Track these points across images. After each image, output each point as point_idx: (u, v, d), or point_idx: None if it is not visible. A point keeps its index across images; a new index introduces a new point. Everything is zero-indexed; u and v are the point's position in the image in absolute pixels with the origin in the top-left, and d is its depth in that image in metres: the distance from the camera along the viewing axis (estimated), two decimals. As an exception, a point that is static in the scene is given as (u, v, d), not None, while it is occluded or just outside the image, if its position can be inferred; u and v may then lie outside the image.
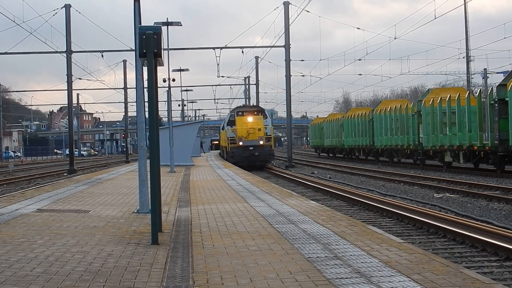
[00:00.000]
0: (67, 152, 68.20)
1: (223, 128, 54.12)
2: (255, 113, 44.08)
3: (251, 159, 41.36)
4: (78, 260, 7.24)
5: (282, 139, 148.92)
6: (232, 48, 45.85)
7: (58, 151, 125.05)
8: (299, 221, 10.31)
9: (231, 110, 48.11)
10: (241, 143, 41.68)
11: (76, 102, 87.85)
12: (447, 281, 5.84)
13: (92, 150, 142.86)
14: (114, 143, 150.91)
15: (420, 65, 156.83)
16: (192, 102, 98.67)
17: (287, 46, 42.49)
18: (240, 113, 44.24)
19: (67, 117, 57.71)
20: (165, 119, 59.54)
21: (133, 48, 13.85)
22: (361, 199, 18.78)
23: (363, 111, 51.44)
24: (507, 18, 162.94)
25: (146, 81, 10.36)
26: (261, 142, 41.64)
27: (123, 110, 71.35)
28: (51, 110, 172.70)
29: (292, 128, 53.78)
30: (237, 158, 41.52)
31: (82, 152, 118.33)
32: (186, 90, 64.06)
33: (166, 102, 34.79)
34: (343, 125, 54.12)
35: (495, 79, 68.54)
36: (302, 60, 64.68)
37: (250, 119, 42.34)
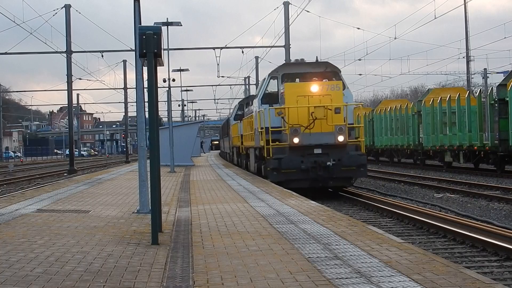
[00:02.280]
0: (67, 152, 68.20)
1: (237, 118, 35.38)
2: (323, 76, 21.85)
3: (319, 175, 19.62)
4: (78, 260, 7.24)
5: None
6: (232, 48, 45.75)
7: (58, 151, 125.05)
8: (299, 221, 10.31)
9: (269, 73, 22.96)
10: (296, 141, 19.82)
11: (76, 102, 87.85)
12: (447, 281, 5.84)
13: (92, 150, 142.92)
14: (114, 143, 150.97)
15: (420, 65, 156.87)
16: (192, 102, 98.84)
17: (287, 46, 42.45)
18: (292, 77, 22.19)
19: (67, 117, 57.70)
20: (165, 119, 59.57)
21: (133, 48, 13.86)
22: (361, 199, 18.79)
23: (363, 111, 51.44)
24: (507, 18, 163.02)
25: (146, 81, 10.37)
26: (341, 139, 19.78)
27: (123, 110, 71.38)
28: (51, 110, 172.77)
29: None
30: (287, 174, 19.68)
31: (82, 152, 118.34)
32: (186, 90, 64.14)
33: (166, 102, 34.81)
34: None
35: (495, 79, 68.52)
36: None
37: (315, 88, 20.18)
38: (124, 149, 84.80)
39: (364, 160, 20.19)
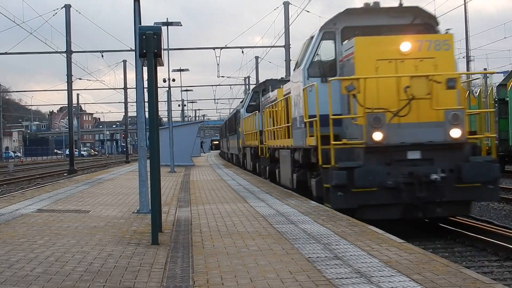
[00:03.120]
0: (67, 152, 68.22)
1: (250, 110, 28.98)
2: (411, 31, 13.29)
3: (418, 197, 11.57)
4: (78, 260, 7.24)
5: None
6: (232, 48, 45.85)
7: (58, 151, 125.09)
8: (299, 221, 10.30)
9: (321, 27, 13.99)
10: (379, 137, 11.76)
11: (76, 102, 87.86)
12: (447, 281, 5.84)
13: (92, 150, 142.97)
14: (114, 143, 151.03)
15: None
16: (192, 102, 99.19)
17: (287, 46, 42.45)
18: (365, 29, 13.56)
19: (67, 117, 57.70)
20: (165, 119, 59.62)
21: (133, 48, 13.86)
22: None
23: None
24: (507, 18, 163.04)
25: (146, 81, 10.37)
26: (456, 134, 11.84)
27: (123, 110, 71.41)
28: (51, 110, 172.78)
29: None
30: (362, 196, 11.71)
31: (82, 152, 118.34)
32: (186, 90, 64.28)
33: (166, 102, 34.82)
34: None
35: (495, 79, 68.53)
36: (302, 60, 64.65)
37: (407, 46, 12.19)
38: (124, 149, 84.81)
39: (497, 171, 12.09)
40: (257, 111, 25.68)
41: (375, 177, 11.52)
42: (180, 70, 45.44)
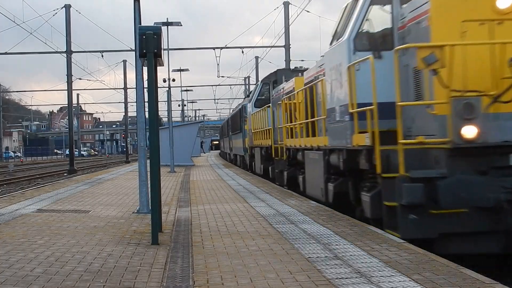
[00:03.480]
0: (67, 152, 68.21)
1: (259, 104, 25.13)
2: None
3: None
4: (78, 260, 7.25)
5: None
6: (232, 48, 45.86)
7: (58, 151, 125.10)
8: (299, 221, 10.30)
9: None
10: (473, 132, 7.86)
11: (76, 102, 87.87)
12: (447, 281, 5.84)
13: (92, 150, 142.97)
14: (114, 143, 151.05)
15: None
16: (192, 102, 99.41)
17: (287, 46, 42.45)
18: None
19: (67, 117, 57.73)
20: (165, 119, 59.62)
21: (133, 48, 13.87)
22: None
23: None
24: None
25: (146, 81, 10.38)
26: None
27: (123, 110, 71.44)
28: (51, 110, 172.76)
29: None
30: (444, 221, 7.92)
31: (82, 152, 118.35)
32: (186, 90, 64.37)
33: (166, 102, 34.84)
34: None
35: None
36: (302, 60, 64.67)
37: (504, 1, 8.29)
38: (124, 149, 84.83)
39: None
40: (268, 105, 22.06)
41: (470, 193, 7.91)
42: (180, 70, 45.51)
